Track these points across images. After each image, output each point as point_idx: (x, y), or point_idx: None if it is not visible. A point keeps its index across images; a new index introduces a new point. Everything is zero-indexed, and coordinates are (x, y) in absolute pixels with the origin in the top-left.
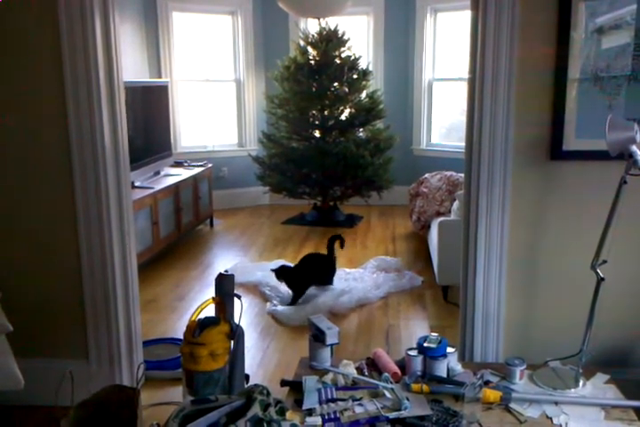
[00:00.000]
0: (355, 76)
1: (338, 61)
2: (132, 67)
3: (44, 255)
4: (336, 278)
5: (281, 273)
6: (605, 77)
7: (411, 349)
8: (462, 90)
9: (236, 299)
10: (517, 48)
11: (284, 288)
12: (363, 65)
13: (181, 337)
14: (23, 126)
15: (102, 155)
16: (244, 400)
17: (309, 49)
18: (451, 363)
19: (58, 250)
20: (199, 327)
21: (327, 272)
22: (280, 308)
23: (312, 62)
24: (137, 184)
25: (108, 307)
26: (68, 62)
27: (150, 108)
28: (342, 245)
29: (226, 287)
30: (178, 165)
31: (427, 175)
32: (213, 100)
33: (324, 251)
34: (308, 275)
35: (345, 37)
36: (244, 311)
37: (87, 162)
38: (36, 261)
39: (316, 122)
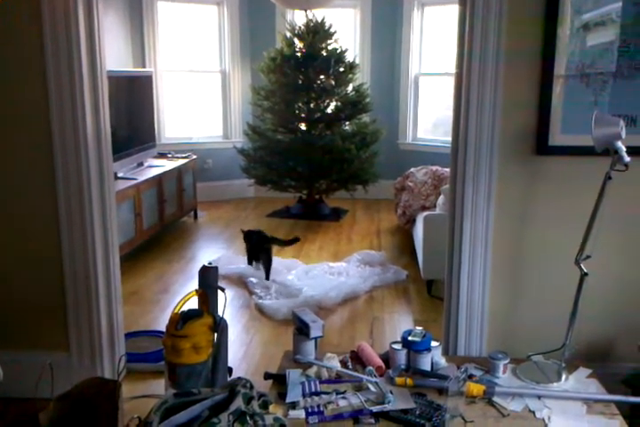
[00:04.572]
0: (341, 69)
1: (324, 54)
2: (115, 56)
3: (24, 246)
4: (320, 272)
5: (246, 235)
6: (591, 74)
7: (395, 342)
8: (449, 84)
9: (219, 291)
10: (504, 43)
11: (268, 282)
12: (349, 58)
13: (164, 330)
14: (4, 115)
15: (84, 145)
16: (227, 393)
17: (296, 41)
18: (435, 357)
19: (39, 241)
20: (182, 320)
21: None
22: (267, 301)
23: (298, 54)
24: (120, 175)
25: (90, 299)
26: (50, 51)
27: (134, 98)
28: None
29: (209, 280)
30: (162, 156)
31: (412, 169)
32: (198, 91)
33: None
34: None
35: (332, 30)
36: (228, 304)
37: (69, 152)
38: (16, 253)
39: (302, 115)
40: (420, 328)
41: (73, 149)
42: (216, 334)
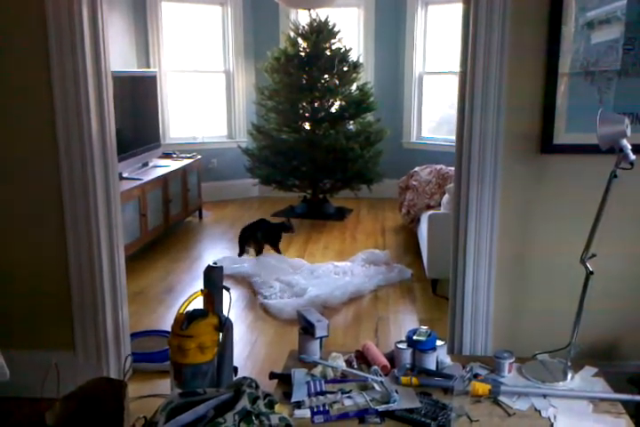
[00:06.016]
0: (345, 69)
1: (328, 53)
2: (120, 57)
3: (30, 246)
4: (325, 272)
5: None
6: (596, 72)
7: (400, 342)
8: (452, 83)
9: (224, 291)
10: (508, 42)
11: (273, 282)
12: (353, 57)
13: (169, 329)
14: (9, 117)
15: (89, 146)
16: (233, 393)
17: (300, 40)
18: (440, 356)
19: (44, 241)
20: (187, 320)
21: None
22: (272, 301)
23: (302, 54)
24: (125, 175)
25: (95, 298)
26: (54, 51)
27: (139, 98)
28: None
29: (214, 279)
30: (166, 156)
31: (417, 168)
32: (202, 91)
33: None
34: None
35: (335, 29)
36: (233, 304)
37: (74, 153)
38: (22, 253)
39: (306, 114)
40: (425, 327)
41: (78, 149)
42: (221, 334)
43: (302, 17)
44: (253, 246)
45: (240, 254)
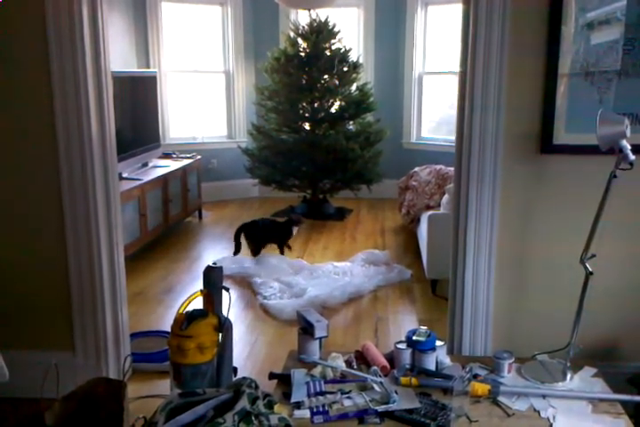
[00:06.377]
0: (345, 69)
1: (328, 53)
2: (120, 57)
3: (29, 247)
4: (325, 272)
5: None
6: (596, 72)
7: (400, 342)
8: (452, 83)
9: (224, 291)
10: (508, 42)
11: (273, 282)
12: (353, 57)
13: (169, 330)
14: (8, 117)
15: (89, 146)
16: (232, 394)
17: (299, 41)
18: (439, 356)
19: (44, 242)
20: (187, 320)
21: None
22: (272, 301)
23: (302, 54)
24: (125, 175)
25: (95, 299)
26: (54, 52)
27: (138, 98)
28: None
29: (214, 280)
30: (166, 156)
31: (416, 169)
32: (202, 91)
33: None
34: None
35: (335, 29)
36: (233, 304)
37: (74, 153)
38: (21, 253)
39: (306, 114)
40: (425, 328)
41: (77, 149)
42: (221, 334)
43: (302, 17)
44: (250, 246)
45: (235, 253)
